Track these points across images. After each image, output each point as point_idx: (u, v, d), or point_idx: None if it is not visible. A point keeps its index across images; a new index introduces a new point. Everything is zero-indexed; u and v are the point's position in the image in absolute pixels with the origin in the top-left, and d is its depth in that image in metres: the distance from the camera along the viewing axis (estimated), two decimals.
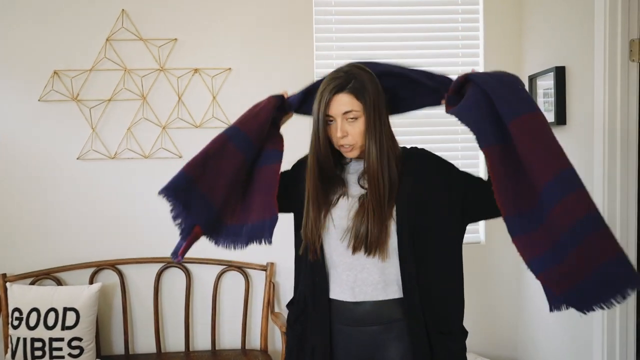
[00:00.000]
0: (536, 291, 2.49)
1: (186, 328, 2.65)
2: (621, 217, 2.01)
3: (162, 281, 2.68)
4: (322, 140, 1.42)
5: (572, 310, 1.20)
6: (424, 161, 1.47)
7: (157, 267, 2.66)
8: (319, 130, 1.42)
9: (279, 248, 2.71)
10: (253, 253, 2.70)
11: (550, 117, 2.37)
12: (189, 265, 2.69)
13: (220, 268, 2.70)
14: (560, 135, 2.36)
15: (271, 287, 2.66)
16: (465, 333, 1.45)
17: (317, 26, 2.71)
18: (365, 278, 1.38)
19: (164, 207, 1.49)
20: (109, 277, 2.63)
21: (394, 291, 1.37)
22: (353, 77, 1.40)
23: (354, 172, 1.48)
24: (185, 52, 2.63)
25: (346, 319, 1.41)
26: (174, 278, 2.69)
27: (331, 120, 1.42)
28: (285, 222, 2.68)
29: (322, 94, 1.41)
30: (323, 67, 2.72)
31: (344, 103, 1.39)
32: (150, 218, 2.64)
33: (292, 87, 2.70)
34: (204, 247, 2.66)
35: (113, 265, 2.61)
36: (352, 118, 1.39)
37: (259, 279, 2.71)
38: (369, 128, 1.39)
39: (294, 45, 2.67)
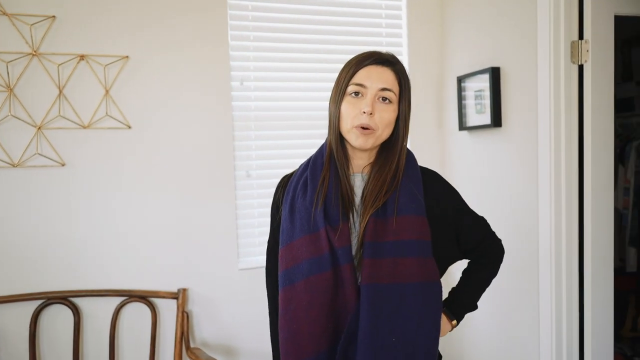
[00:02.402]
0: None
1: None
2: (566, 216, 1.98)
3: (40, 322, 2.11)
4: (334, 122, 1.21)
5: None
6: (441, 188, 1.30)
7: (34, 305, 2.09)
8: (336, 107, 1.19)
9: (192, 271, 2.32)
10: (160, 279, 2.27)
11: (485, 119, 2.30)
12: (76, 300, 2.16)
13: (118, 300, 2.21)
14: (497, 137, 2.33)
15: (184, 318, 2.23)
16: None
17: (232, 12, 2.34)
18: None
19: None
20: None
21: None
22: (398, 62, 1.23)
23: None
24: (68, 34, 2.09)
25: None
26: (56, 317, 2.13)
27: (357, 93, 1.17)
28: (193, 243, 2.29)
29: (358, 61, 1.19)
30: (239, 59, 2.36)
31: (385, 77, 1.16)
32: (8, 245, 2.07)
33: (202, 81, 2.33)
34: (94, 275, 2.18)
35: None
36: (386, 100, 1.16)
37: (168, 309, 2.27)
38: (400, 118, 1.19)
39: (205, 33, 2.27)
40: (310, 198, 1.20)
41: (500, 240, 1.40)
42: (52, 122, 2.09)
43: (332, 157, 1.23)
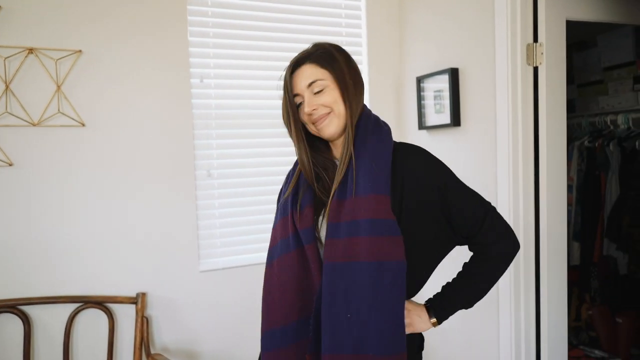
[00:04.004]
0: None
1: None
2: (524, 213, 2.06)
3: None
4: (295, 129, 1.25)
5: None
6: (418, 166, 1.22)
7: None
8: (291, 121, 1.24)
9: (151, 274, 2.24)
10: (117, 283, 2.18)
11: (444, 118, 2.36)
12: (26, 308, 2.03)
13: (72, 307, 2.10)
14: (456, 136, 2.38)
15: (144, 324, 2.15)
16: None
17: (191, 7, 2.27)
18: None
19: None
20: None
21: None
22: (318, 47, 1.26)
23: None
24: (15, 26, 1.96)
25: None
26: (4, 328, 2.00)
27: (300, 103, 1.23)
28: (152, 245, 2.21)
29: (286, 75, 1.24)
30: (198, 55, 2.30)
31: (307, 74, 1.22)
32: None
33: (160, 78, 2.25)
34: (46, 281, 2.06)
35: None
36: (318, 91, 1.20)
37: (126, 315, 2.18)
38: (345, 94, 1.21)
39: (163, 28, 2.20)
40: (287, 185, 1.33)
41: (509, 231, 1.25)
42: None
43: (313, 150, 1.29)
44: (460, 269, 1.28)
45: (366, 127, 1.22)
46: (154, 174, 2.21)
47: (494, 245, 1.22)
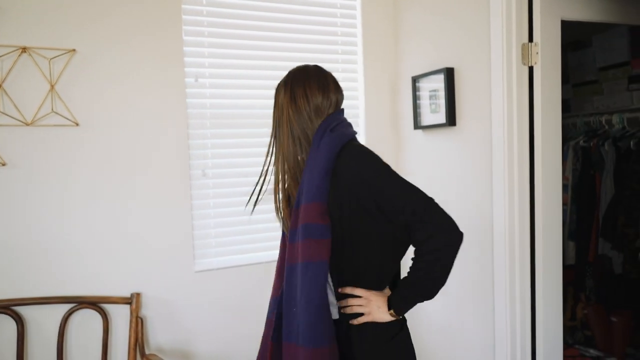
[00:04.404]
0: None
1: None
2: (519, 213, 2.06)
3: None
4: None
5: None
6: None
7: None
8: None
9: (145, 274, 2.23)
10: (111, 283, 2.17)
11: (439, 118, 2.36)
12: (19, 309, 2.02)
13: (66, 307, 2.09)
14: (452, 135, 2.38)
15: (138, 324, 2.14)
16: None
17: (185, 6, 2.27)
18: None
19: None
20: None
21: None
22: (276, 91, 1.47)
23: None
24: (8, 24, 1.95)
25: None
26: None
27: None
28: (147, 245, 2.20)
29: None
30: (193, 55, 2.29)
31: None
32: None
33: (155, 77, 2.23)
34: (39, 282, 2.04)
35: None
36: None
37: (121, 315, 2.17)
38: (273, 130, 1.46)
39: (158, 27, 2.19)
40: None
41: (447, 223, 1.27)
42: None
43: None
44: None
45: (316, 139, 1.34)
46: (149, 173, 2.20)
47: (431, 240, 1.25)
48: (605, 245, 3.06)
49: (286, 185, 1.41)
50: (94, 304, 2.11)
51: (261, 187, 1.46)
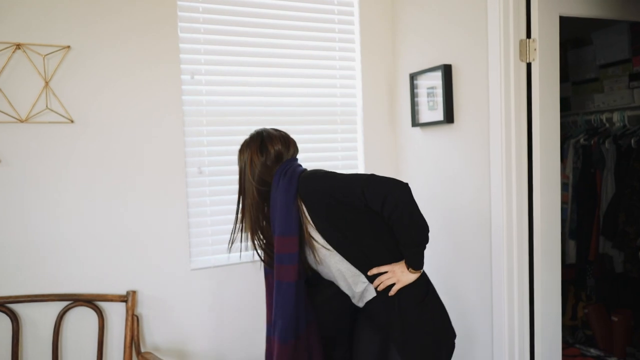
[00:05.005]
0: None
1: None
2: (517, 211, 2.04)
3: None
4: None
5: None
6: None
7: None
8: None
9: (141, 272, 2.22)
10: (107, 281, 2.16)
11: (437, 115, 2.34)
12: (14, 306, 2.01)
13: (61, 305, 2.08)
14: (450, 133, 2.36)
15: (134, 322, 2.13)
16: None
17: (181, 3, 2.26)
18: None
19: None
20: None
21: None
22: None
23: None
24: (2, 21, 1.94)
25: None
26: None
27: None
28: (142, 243, 2.19)
29: None
30: (189, 52, 2.28)
31: None
32: None
33: (150, 74, 2.22)
34: (34, 279, 2.03)
35: None
36: None
37: (116, 313, 2.16)
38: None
39: (153, 23, 2.18)
40: None
41: (388, 184, 1.54)
42: None
43: None
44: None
45: (273, 188, 1.65)
46: (144, 171, 2.19)
47: (385, 204, 1.52)
48: (606, 243, 3.04)
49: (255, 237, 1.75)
50: (89, 301, 2.10)
51: (234, 232, 1.77)
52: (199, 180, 2.33)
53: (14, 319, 1.99)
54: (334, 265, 1.62)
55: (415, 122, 2.50)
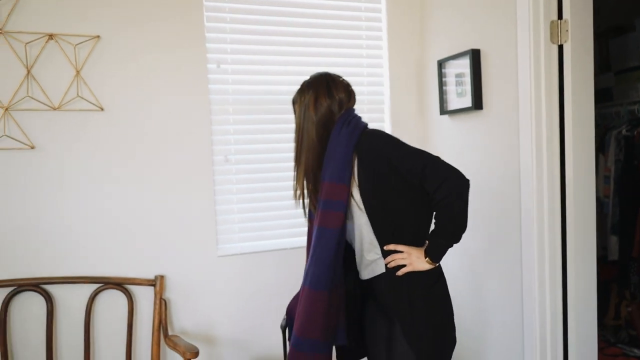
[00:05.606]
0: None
1: None
2: (549, 202, 1.96)
3: (11, 310, 2.04)
4: None
5: None
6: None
7: (4, 292, 2.02)
8: None
9: (169, 257, 2.27)
10: (136, 265, 2.22)
11: (466, 102, 2.28)
12: (49, 287, 2.09)
13: (93, 287, 2.15)
14: (478, 120, 2.29)
15: (162, 306, 2.18)
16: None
17: None
18: None
19: None
20: None
21: None
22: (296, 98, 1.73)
23: None
24: (35, 12, 2.02)
25: None
26: (29, 305, 2.07)
27: None
28: (171, 229, 2.24)
29: None
30: (215, 41, 2.31)
31: None
32: None
33: (177, 63, 2.27)
34: (67, 261, 2.11)
35: None
36: None
37: (145, 297, 2.21)
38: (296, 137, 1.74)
39: (179, 13, 2.22)
40: None
41: (450, 172, 1.51)
42: (20, 104, 2.02)
43: None
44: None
45: (334, 134, 1.61)
46: (172, 158, 2.24)
47: (440, 190, 1.50)
48: None
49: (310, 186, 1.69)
50: (119, 284, 2.16)
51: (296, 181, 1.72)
52: (225, 168, 2.36)
53: (48, 299, 2.07)
54: (357, 225, 1.62)
55: (443, 110, 2.45)
